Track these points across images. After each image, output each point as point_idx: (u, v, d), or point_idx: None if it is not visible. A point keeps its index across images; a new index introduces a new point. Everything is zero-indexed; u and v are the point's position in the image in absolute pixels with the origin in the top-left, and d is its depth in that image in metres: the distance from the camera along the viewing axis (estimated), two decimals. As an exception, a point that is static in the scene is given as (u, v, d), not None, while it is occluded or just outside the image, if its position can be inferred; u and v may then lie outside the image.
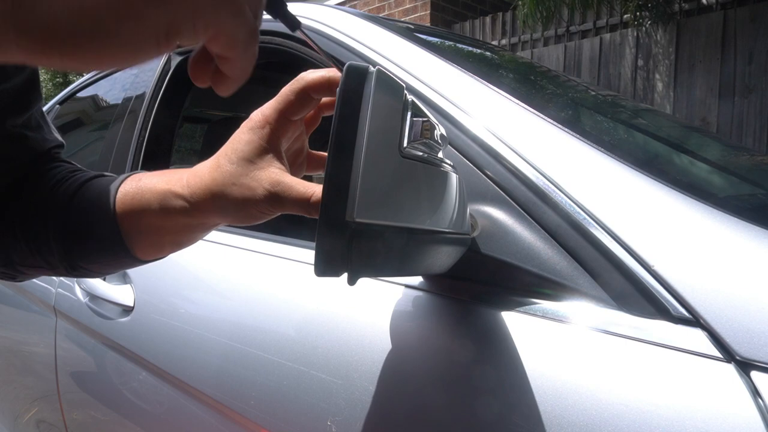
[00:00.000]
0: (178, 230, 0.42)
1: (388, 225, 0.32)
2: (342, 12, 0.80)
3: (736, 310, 0.38)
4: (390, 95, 0.33)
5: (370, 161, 0.30)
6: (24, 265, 0.45)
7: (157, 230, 0.42)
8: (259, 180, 0.38)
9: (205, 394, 0.68)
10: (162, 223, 0.42)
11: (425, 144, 0.36)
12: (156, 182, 0.42)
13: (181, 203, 0.40)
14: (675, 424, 0.36)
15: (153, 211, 0.41)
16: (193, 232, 0.43)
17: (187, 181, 0.41)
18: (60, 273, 0.45)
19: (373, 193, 0.30)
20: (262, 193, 0.38)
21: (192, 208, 0.40)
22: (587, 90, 1.20)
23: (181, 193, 0.40)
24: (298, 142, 0.46)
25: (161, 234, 0.43)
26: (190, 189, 0.40)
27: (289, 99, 0.40)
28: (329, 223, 0.29)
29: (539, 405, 0.42)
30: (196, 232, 0.43)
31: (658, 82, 3.05)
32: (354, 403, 0.52)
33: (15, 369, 1.24)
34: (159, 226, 0.42)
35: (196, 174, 0.41)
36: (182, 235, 0.43)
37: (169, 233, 0.43)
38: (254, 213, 0.39)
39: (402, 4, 4.23)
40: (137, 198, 0.42)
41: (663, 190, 0.47)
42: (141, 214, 0.41)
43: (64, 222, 0.43)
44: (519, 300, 0.48)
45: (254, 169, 0.39)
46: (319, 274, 0.31)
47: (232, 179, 0.39)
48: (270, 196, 0.38)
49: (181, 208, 0.40)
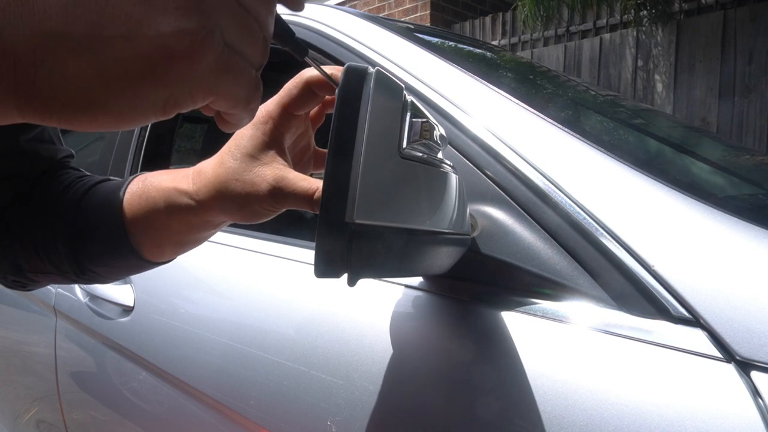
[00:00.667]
0: (184, 229, 0.42)
1: (388, 226, 0.32)
2: (342, 12, 0.80)
3: (736, 310, 0.38)
4: (389, 96, 0.33)
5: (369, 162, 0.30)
6: (34, 271, 0.45)
7: (164, 229, 0.42)
8: (262, 176, 0.38)
9: (205, 394, 0.68)
10: (168, 222, 0.41)
11: (424, 145, 0.36)
12: (161, 180, 0.42)
13: (187, 200, 0.40)
14: (675, 424, 0.36)
15: (159, 209, 0.41)
16: (199, 231, 0.43)
17: (192, 178, 0.41)
18: (69, 279, 0.45)
19: (372, 194, 0.30)
20: (265, 188, 0.38)
21: (197, 206, 0.40)
22: (587, 90, 1.20)
23: (187, 191, 0.40)
24: (303, 139, 0.45)
25: (167, 233, 0.43)
26: (195, 186, 0.40)
27: (291, 94, 0.40)
28: (329, 223, 0.29)
29: (539, 405, 0.42)
30: (202, 231, 0.43)
31: (658, 82, 3.05)
32: (354, 403, 0.52)
33: (15, 369, 1.24)
34: (165, 225, 0.42)
35: (201, 171, 0.41)
36: (188, 234, 0.43)
37: (175, 232, 0.43)
38: (258, 209, 0.39)
39: (402, 4, 4.23)
40: (144, 197, 0.42)
41: (663, 190, 0.47)
42: (147, 213, 0.41)
43: (73, 225, 0.43)
44: (519, 300, 0.48)
45: (257, 165, 0.38)
46: (319, 275, 0.31)
47: (235, 175, 0.39)
48: (273, 192, 0.38)
49: (187, 205, 0.40)
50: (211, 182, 0.39)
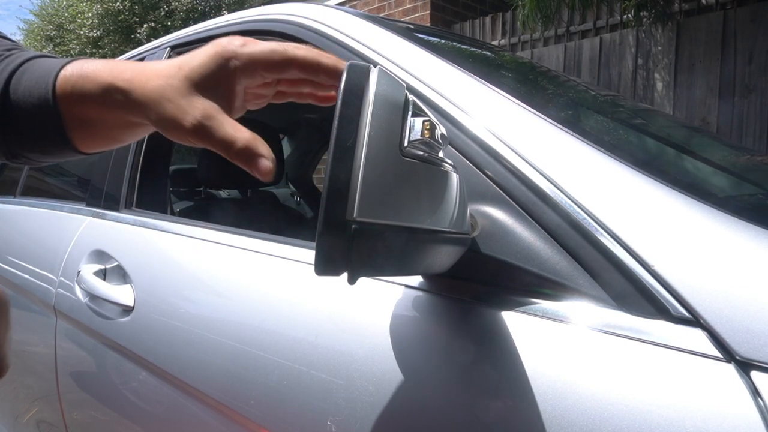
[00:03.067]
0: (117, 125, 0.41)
1: (389, 224, 0.32)
2: (342, 12, 0.80)
3: (736, 310, 0.38)
4: (391, 94, 0.33)
5: (370, 161, 0.30)
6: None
7: (96, 122, 0.40)
8: (193, 106, 0.37)
9: (205, 394, 0.68)
10: (101, 116, 0.40)
11: (426, 143, 0.36)
12: (100, 71, 0.39)
13: (121, 98, 0.38)
14: (675, 424, 0.36)
15: (93, 101, 0.39)
16: (132, 130, 0.41)
17: (131, 76, 0.39)
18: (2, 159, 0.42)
19: (373, 193, 0.30)
20: (190, 120, 0.37)
21: (130, 106, 0.38)
22: (587, 90, 1.20)
23: (123, 88, 0.38)
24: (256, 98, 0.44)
25: (100, 127, 0.41)
26: (131, 86, 0.38)
27: (271, 57, 0.39)
28: (330, 222, 0.29)
29: (539, 405, 0.42)
30: (135, 130, 0.42)
31: (658, 82, 3.05)
32: (354, 403, 0.52)
33: (15, 369, 1.24)
34: (98, 119, 0.40)
35: (143, 72, 0.39)
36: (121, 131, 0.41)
37: (107, 127, 0.41)
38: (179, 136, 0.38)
39: (402, 4, 4.23)
40: (79, 85, 0.39)
41: (663, 190, 0.47)
42: (81, 102, 0.39)
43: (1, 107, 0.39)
44: (519, 300, 0.48)
45: (193, 94, 0.38)
46: (320, 273, 0.31)
47: (169, 94, 0.37)
48: (196, 127, 0.37)
49: (121, 103, 0.38)
50: (145, 89, 0.38)
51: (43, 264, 1.14)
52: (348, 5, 4.32)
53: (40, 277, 1.13)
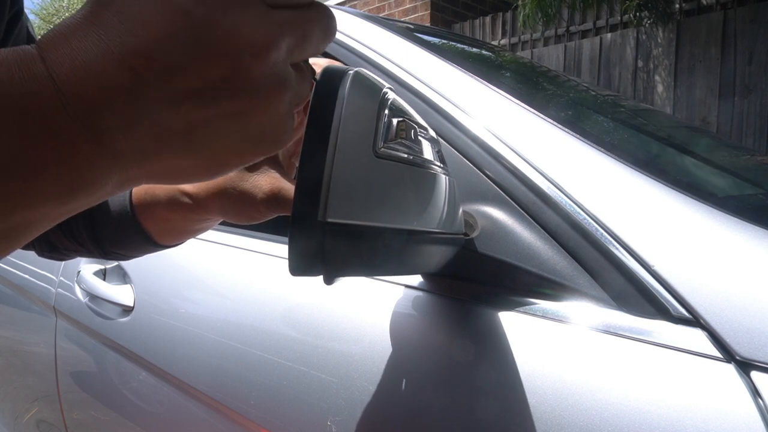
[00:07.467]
0: (186, 222, 0.45)
1: (363, 225, 0.32)
2: (342, 12, 0.80)
3: (736, 310, 0.38)
4: (366, 96, 0.33)
5: (341, 161, 0.30)
6: (67, 250, 0.48)
7: (167, 221, 0.45)
8: (258, 185, 0.41)
9: (205, 394, 0.68)
10: (170, 216, 0.44)
11: (404, 145, 0.36)
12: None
13: (187, 200, 0.43)
14: (675, 424, 0.36)
15: (162, 204, 0.44)
16: (200, 224, 0.46)
17: None
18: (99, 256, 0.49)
19: (345, 193, 0.30)
20: (260, 197, 0.41)
21: (196, 206, 0.43)
22: (587, 90, 1.20)
23: (187, 191, 0.43)
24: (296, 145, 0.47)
25: (171, 224, 0.46)
26: (195, 188, 0.43)
27: None
28: (301, 223, 0.29)
29: (539, 405, 0.42)
30: (203, 224, 0.46)
31: (658, 82, 3.05)
32: (354, 403, 0.52)
33: (15, 369, 1.24)
34: (168, 218, 0.45)
35: None
36: (191, 226, 0.46)
37: (178, 224, 0.46)
38: (253, 215, 0.42)
39: (402, 4, 4.23)
40: (149, 192, 0.45)
41: (663, 190, 0.47)
42: (153, 207, 0.44)
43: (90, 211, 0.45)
44: (519, 300, 0.48)
45: (253, 175, 0.41)
46: (294, 274, 0.31)
47: (233, 183, 0.41)
48: (267, 201, 0.41)
49: (187, 204, 0.43)
50: (210, 188, 0.42)
51: (43, 264, 1.14)
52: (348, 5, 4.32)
53: (40, 277, 1.13)
